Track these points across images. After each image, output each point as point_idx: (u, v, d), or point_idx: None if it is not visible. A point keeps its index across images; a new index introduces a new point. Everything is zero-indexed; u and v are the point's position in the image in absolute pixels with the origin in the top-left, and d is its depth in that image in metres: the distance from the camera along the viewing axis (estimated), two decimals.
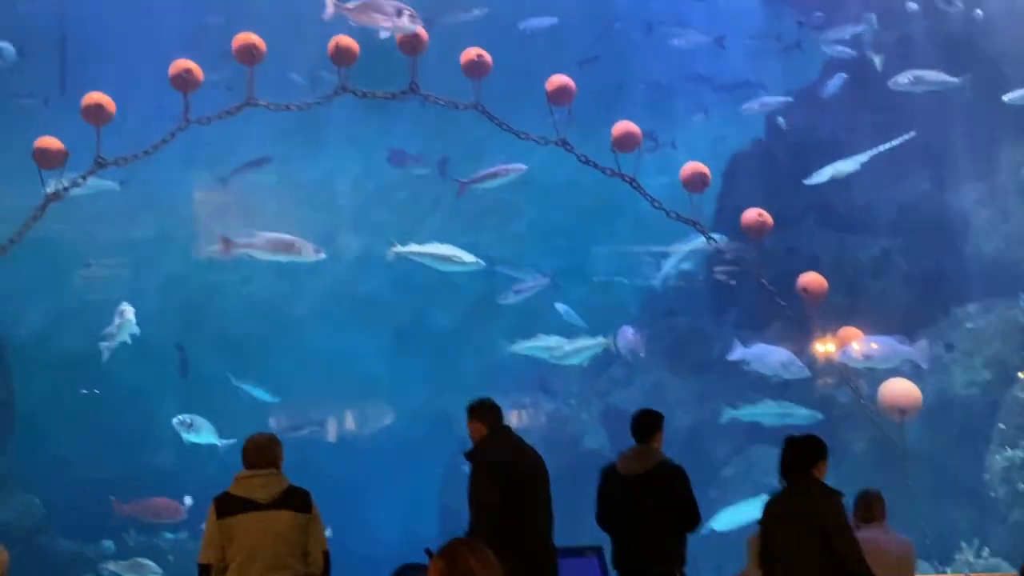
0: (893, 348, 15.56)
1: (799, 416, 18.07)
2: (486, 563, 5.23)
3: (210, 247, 20.95)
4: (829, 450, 8.76)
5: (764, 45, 23.14)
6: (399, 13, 14.28)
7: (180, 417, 18.64)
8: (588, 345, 19.45)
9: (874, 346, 15.30)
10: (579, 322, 20.84)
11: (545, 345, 19.49)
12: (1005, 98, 18.60)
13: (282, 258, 17.74)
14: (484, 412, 9.46)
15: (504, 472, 9.10)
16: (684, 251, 20.10)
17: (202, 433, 18.61)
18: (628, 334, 19.77)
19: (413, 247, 18.14)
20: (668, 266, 20.51)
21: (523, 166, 15.20)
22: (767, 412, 18.56)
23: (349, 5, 14.33)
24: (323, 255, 17.63)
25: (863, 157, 19.08)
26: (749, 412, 18.98)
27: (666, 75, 23.63)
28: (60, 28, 22.41)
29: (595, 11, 23.34)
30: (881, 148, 19.20)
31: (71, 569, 19.39)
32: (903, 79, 19.09)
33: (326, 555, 8.55)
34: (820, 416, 17.87)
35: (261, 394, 21.29)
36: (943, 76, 19.08)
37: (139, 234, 22.23)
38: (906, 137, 19.22)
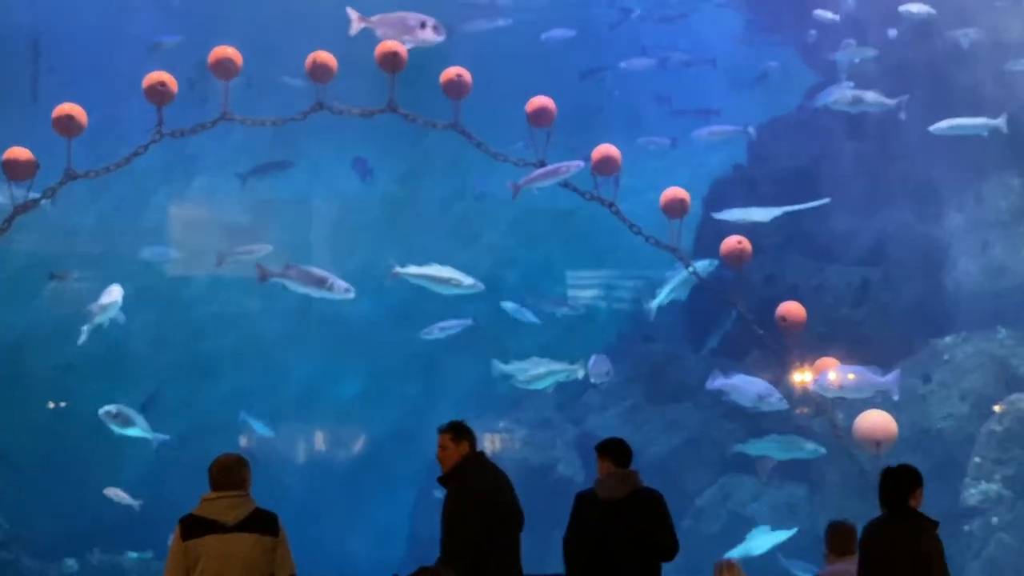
0: (865, 379, 15.44)
1: (805, 451, 17.94)
2: None
3: (180, 261, 20.89)
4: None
5: (742, 72, 23.14)
6: (423, 25, 14.22)
7: (107, 408, 17.98)
8: (554, 370, 19.13)
9: (847, 376, 15.16)
10: (531, 318, 20.61)
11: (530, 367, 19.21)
12: (931, 128, 18.61)
13: (313, 292, 17.62)
14: (465, 435, 9.17)
15: (483, 499, 8.89)
16: (678, 279, 19.77)
17: (132, 425, 18.06)
18: (596, 361, 19.43)
19: (412, 269, 17.89)
20: (663, 294, 20.24)
21: (581, 163, 14.92)
22: (773, 446, 18.42)
23: (373, 19, 14.25)
24: (352, 295, 17.44)
25: (777, 211, 18.98)
26: (756, 446, 18.83)
27: (636, 100, 23.63)
28: (33, 38, 22.27)
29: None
30: (798, 207, 19.19)
31: None
32: (843, 98, 19.01)
33: None
34: (823, 451, 17.72)
35: (261, 428, 21.13)
36: (881, 97, 19.02)
37: (111, 249, 22.00)
38: (821, 202, 19.28)
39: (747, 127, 21.24)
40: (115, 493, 18.18)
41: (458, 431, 9.16)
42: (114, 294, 17.13)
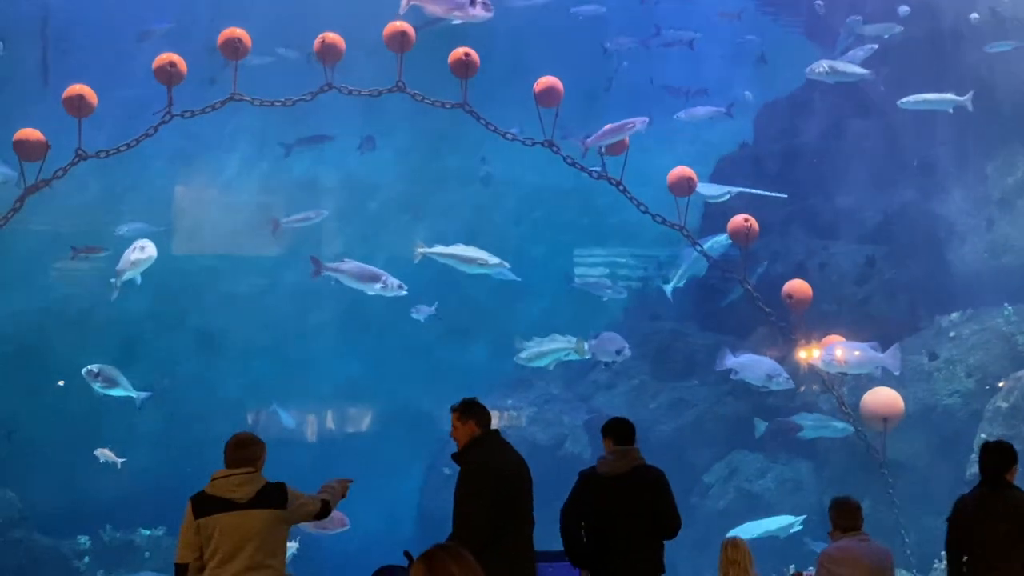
0: (867, 355, 15.50)
1: (833, 429, 17.92)
2: (467, 569, 5.12)
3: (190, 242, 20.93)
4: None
5: (743, 51, 23.07)
6: (472, 2, 14.32)
7: (89, 367, 17.89)
8: (554, 348, 19.17)
9: (847, 352, 15.23)
10: (512, 276, 20.55)
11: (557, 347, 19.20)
12: (900, 102, 18.70)
13: (366, 289, 17.87)
14: (473, 413, 9.18)
15: (495, 477, 8.91)
16: (693, 259, 19.66)
17: (115, 385, 18.04)
18: (605, 339, 19.30)
19: (439, 248, 18.03)
20: (679, 274, 20.24)
21: (647, 118, 15.06)
22: (804, 424, 18.42)
23: None
24: (404, 291, 17.70)
25: (734, 189, 18.98)
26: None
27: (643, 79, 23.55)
28: (43, 18, 22.26)
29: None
30: (753, 191, 19.26)
31: (46, 564, 19.25)
32: (819, 68, 18.97)
33: (325, 504, 8.61)
34: (852, 430, 17.75)
35: (288, 419, 21.33)
36: (856, 68, 18.98)
37: (119, 228, 22.03)
38: (780, 195, 19.40)
39: (728, 108, 21.14)
40: (103, 452, 18.27)
41: (464, 410, 9.17)
42: (148, 250, 16.68)
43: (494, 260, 17.99)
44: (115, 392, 18.02)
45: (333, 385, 22.69)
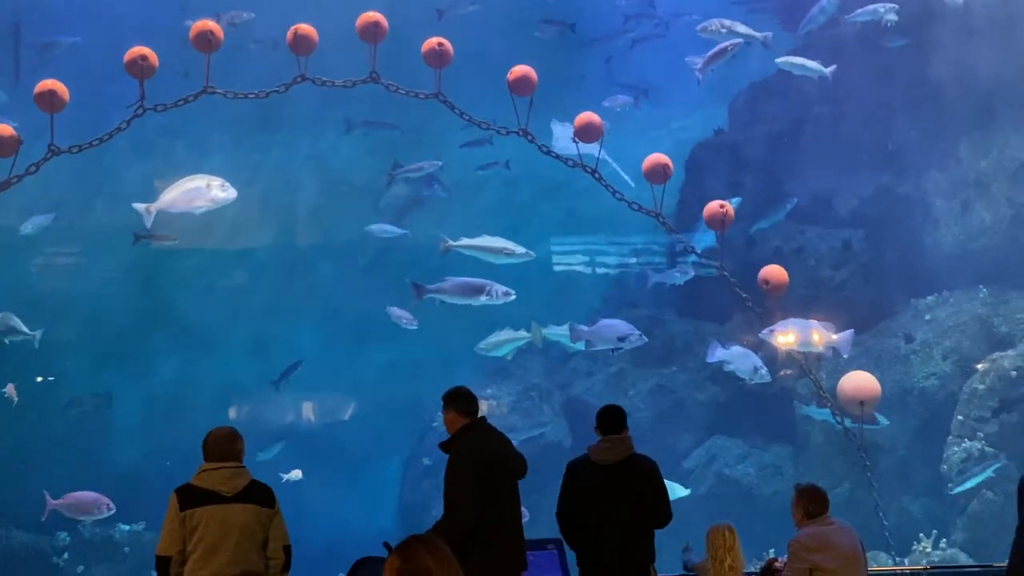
0: (815, 334, 15.45)
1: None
2: (442, 562, 5.13)
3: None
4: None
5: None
6: None
7: None
8: (512, 338, 19.21)
9: (796, 330, 15.22)
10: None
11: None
12: (777, 60, 18.94)
13: (472, 302, 17.74)
14: (450, 401, 9.24)
15: (480, 465, 8.93)
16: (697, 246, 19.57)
17: (12, 331, 17.70)
18: (604, 327, 19.10)
19: (464, 240, 18.03)
20: (689, 263, 20.21)
21: (740, 41, 16.52)
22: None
23: None
24: (513, 296, 17.59)
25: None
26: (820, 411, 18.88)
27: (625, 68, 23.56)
28: (14, 14, 22.14)
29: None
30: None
31: (25, 561, 19.18)
32: (711, 27, 18.88)
33: (287, 549, 8.54)
34: (887, 422, 17.73)
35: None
36: (750, 30, 18.92)
37: (95, 222, 21.93)
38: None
39: (637, 99, 21.09)
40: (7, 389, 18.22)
41: (444, 399, 9.29)
42: (230, 190, 15.97)
43: (520, 250, 18.02)
44: (14, 338, 17.86)
45: (313, 377, 22.63)
